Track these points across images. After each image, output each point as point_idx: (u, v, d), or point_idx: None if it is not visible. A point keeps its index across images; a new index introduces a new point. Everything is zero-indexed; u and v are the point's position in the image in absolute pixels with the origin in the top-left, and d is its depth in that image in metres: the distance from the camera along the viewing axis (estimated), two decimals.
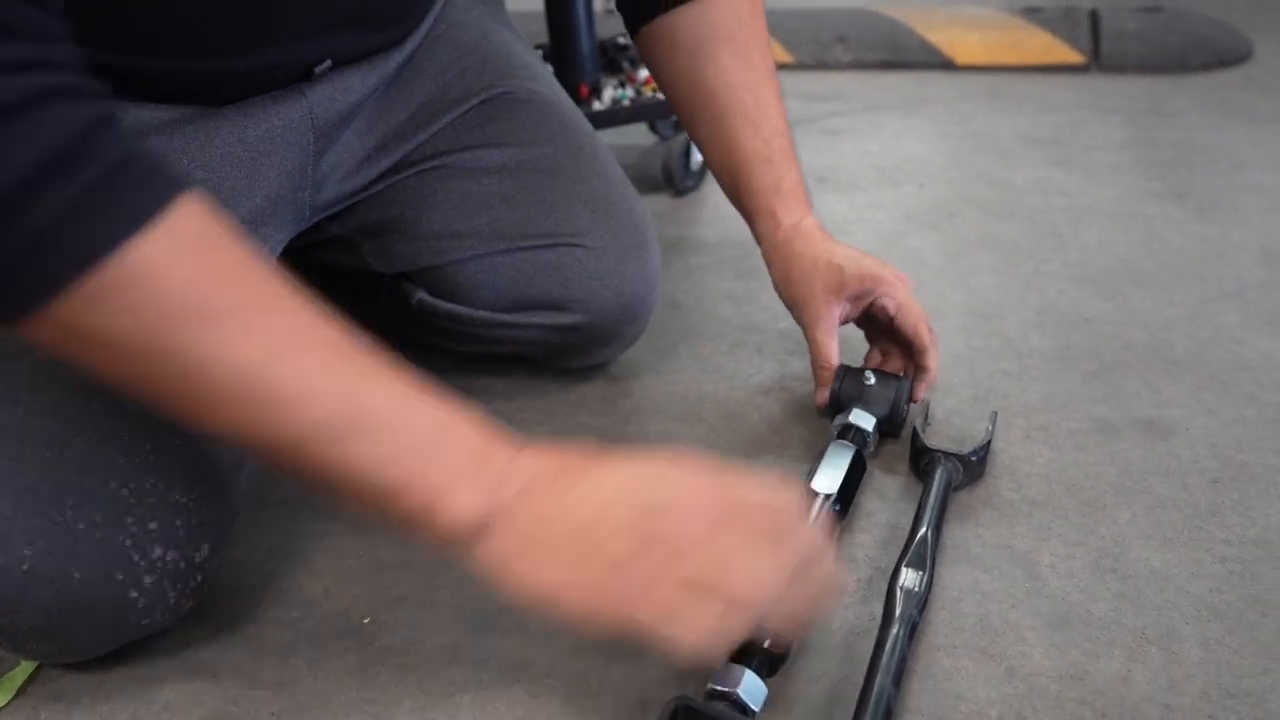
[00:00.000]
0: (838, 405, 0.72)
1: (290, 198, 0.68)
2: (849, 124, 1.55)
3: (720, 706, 0.49)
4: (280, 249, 0.70)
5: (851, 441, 0.68)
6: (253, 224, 0.65)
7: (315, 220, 0.75)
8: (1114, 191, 1.22)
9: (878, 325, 0.76)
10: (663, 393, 0.83)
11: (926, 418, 0.75)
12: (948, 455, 0.68)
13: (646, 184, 1.34)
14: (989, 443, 0.70)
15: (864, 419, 0.70)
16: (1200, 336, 0.88)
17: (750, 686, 0.50)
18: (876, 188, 1.27)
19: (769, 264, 0.76)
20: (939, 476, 0.66)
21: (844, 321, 0.75)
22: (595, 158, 0.80)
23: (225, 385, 0.42)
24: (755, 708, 0.49)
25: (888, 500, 0.69)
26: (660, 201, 1.27)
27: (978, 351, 0.87)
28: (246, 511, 0.66)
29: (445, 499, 0.45)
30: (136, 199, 0.40)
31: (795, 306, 0.74)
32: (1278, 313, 0.91)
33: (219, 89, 0.62)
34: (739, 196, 0.76)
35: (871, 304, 0.73)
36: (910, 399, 0.73)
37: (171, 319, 0.40)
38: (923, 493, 0.65)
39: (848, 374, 0.72)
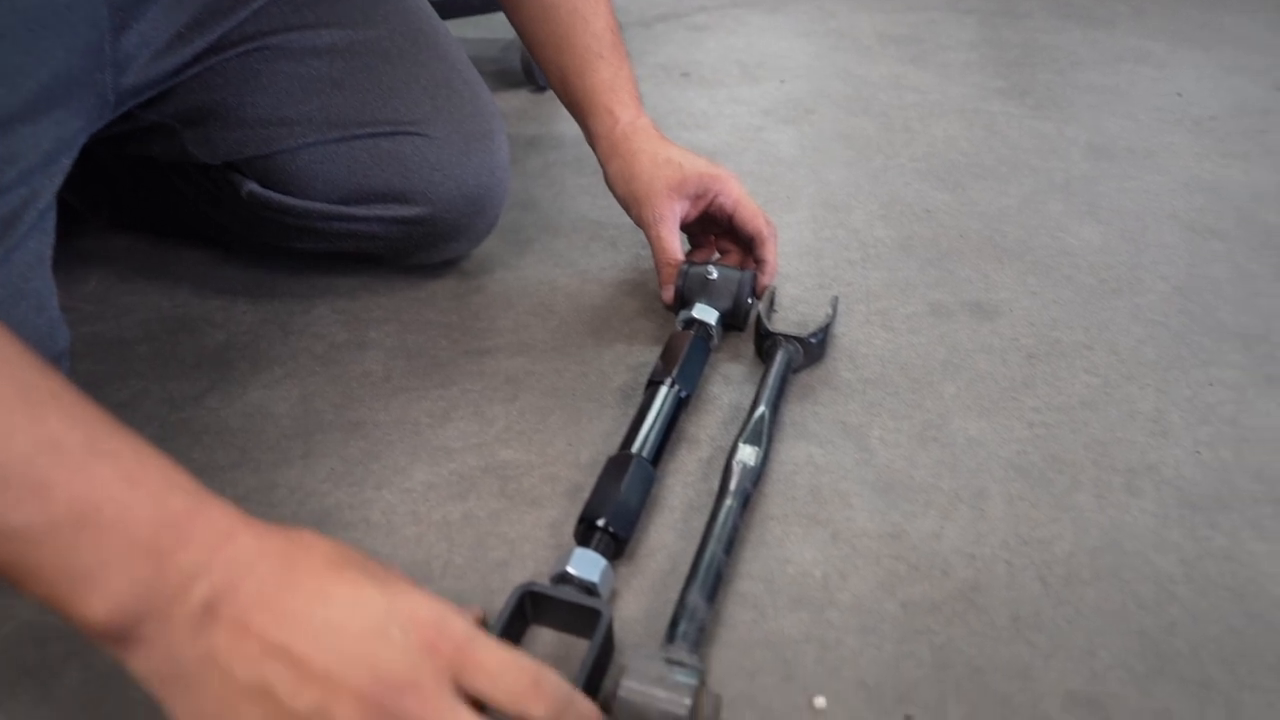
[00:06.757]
0: (682, 300, 0.73)
1: (85, 79, 0.62)
2: (714, 20, 1.53)
3: (567, 588, 0.51)
4: (84, 137, 0.64)
5: (696, 334, 0.69)
6: (40, 107, 0.59)
7: (127, 108, 0.69)
8: (962, 89, 1.25)
9: (715, 224, 0.77)
10: (515, 287, 0.82)
11: (772, 304, 0.77)
12: (789, 338, 0.70)
13: (506, 79, 1.30)
14: (829, 325, 0.72)
15: (708, 313, 0.71)
16: (1029, 225, 0.93)
17: (594, 565, 0.51)
18: (738, 83, 1.26)
19: (604, 161, 0.75)
20: (779, 358, 0.69)
21: (683, 221, 0.75)
22: (435, 41, 0.76)
23: None
24: (596, 580, 0.51)
25: (732, 384, 0.71)
26: (519, 97, 1.23)
27: (825, 242, 0.89)
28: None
29: (78, 596, 0.35)
30: None
31: (635, 203, 0.73)
32: (1098, 202, 0.97)
33: None
34: (570, 92, 0.74)
35: (710, 202, 0.74)
36: (753, 292, 0.75)
37: None
38: (763, 374, 0.68)
39: (690, 269, 0.73)
